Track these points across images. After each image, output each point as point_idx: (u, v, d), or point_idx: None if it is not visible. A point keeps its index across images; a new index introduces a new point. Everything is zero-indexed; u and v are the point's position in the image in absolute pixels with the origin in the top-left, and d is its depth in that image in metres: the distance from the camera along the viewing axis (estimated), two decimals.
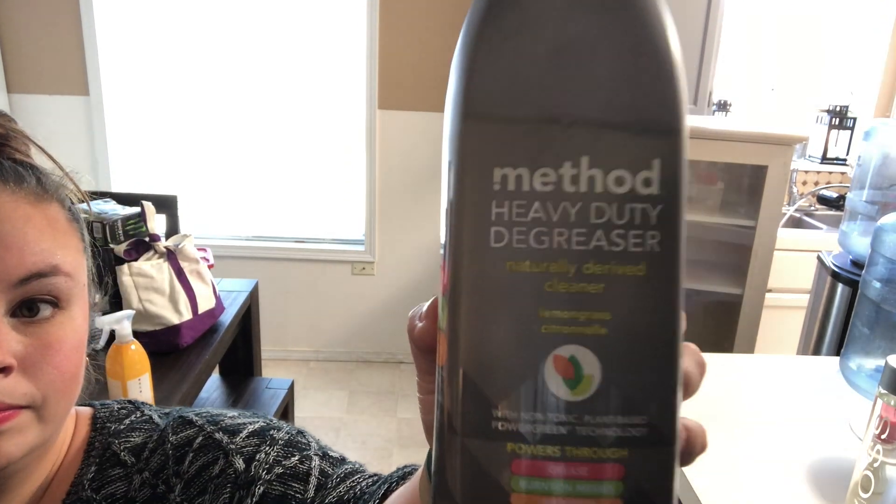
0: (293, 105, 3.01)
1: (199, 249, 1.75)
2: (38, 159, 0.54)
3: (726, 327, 2.19)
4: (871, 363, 1.15)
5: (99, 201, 1.91)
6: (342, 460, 0.57)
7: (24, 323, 0.47)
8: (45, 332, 0.48)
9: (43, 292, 0.48)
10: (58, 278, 0.48)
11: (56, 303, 0.49)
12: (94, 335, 1.83)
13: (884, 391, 0.76)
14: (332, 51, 2.94)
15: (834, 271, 1.77)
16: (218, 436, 0.57)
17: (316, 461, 0.55)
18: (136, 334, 1.44)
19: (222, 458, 0.56)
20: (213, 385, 2.13)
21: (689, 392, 0.27)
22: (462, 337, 0.26)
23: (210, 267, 1.79)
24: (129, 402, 0.63)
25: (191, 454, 0.56)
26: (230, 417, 0.60)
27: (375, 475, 0.54)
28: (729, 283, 2.17)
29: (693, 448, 0.27)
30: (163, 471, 0.56)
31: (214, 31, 2.90)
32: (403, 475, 0.50)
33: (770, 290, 2.57)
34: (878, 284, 1.14)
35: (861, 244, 1.71)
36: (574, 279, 0.25)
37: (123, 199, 2.28)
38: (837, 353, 1.76)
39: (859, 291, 1.19)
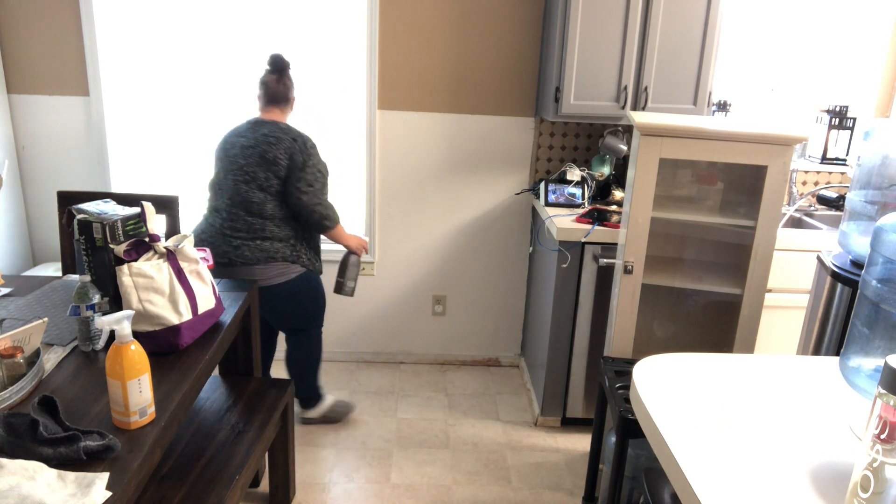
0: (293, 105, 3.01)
1: (198, 250, 1.75)
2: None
3: (726, 327, 2.19)
4: (871, 363, 1.15)
5: (99, 201, 1.91)
6: None
7: None
8: None
9: None
10: None
11: None
12: (93, 335, 1.82)
13: (883, 391, 0.76)
14: (333, 51, 2.94)
15: (834, 271, 1.76)
16: None
17: None
18: (136, 334, 1.44)
19: None
20: (213, 385, 2.13)
21: None
22: None
23: (210, 267, 1.79)
24: None
25: None
26: None
27: None
28: (729, 283, 2.17)
29: None
30: None
31: (214, 32, 2.90)
32: None
33: (770, 290, 2.58)
34: (877, 284, 1.14)
35: (861, 244, 1.71)
36: None
37: (123, 199, 2.29)
38: (837, 353, 1.76)
39: (859, 291, 1.19)
